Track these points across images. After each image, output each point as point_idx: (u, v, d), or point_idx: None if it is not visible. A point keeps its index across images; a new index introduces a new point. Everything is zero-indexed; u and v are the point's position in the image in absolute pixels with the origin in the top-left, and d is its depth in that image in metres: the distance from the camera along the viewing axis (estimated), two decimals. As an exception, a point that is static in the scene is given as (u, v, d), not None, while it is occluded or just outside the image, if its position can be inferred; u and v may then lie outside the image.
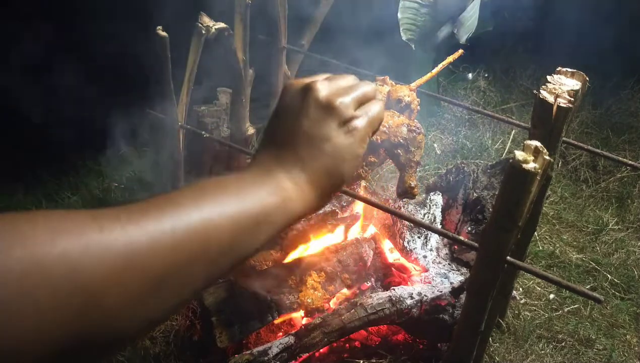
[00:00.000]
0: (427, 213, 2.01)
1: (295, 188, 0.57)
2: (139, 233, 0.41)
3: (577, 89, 1.24)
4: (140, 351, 1.75)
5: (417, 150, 1.16)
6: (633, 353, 1.96)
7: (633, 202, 2.68)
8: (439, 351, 1.79)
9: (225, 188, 0.50)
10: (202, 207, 0.46)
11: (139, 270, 0.40)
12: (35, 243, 0.35)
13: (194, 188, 0.49)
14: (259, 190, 0.52)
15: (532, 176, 0.97)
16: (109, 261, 0.38)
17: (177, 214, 0.44)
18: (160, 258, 0.41)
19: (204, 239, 0.45)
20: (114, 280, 0.38)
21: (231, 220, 0.48)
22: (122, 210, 0.42)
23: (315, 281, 1.73)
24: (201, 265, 0.45)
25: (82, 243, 0.37)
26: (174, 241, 0.42)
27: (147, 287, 0.41)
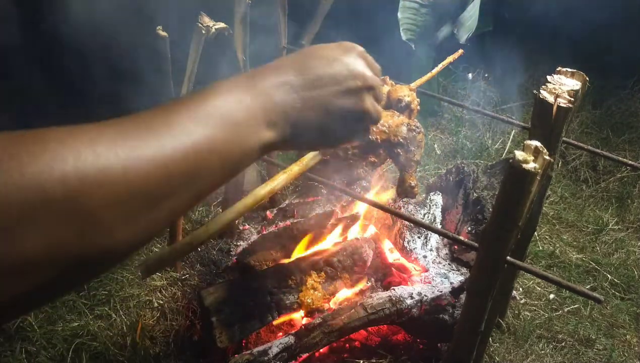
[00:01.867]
0: (427, 213, 2.01)
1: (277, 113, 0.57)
2: (135, 158, 0.42)
3: (577, 89, 1.24)
4: (141, 351, 1.75)
5: (417, 149, 1.16)
6: (633, 353, 1.96)
7: (633, 202, 2.68)
8: (439, 351, 1.79)
9: (220, 116, 0.51)
10: (196, 139, 0.47)
11: (135, 192, 0.41)
12: (34, 171, 0.36)
13: (187, 105, 0.50)
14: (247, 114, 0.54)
15: (532, 176, 0.97)
16: (107, 185, 0.39)
17: (170, 140, 0.45)
18: (154, 182, 0.43)
19: (196, 166, 0.47)
20: (111, 202, 0.39)
21: (220, 154, 0.50)
22: (118, 132, 0.43)
23: (315, 281, 1.73)
24: (191, 191, 0.48)
25: (80, 170, 0.38)
26: (167, 172, 0.44)
27: (142, 208, 0.42)
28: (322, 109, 0.61)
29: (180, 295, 1.94)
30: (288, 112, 0.58)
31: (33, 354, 1.76)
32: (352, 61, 0.65)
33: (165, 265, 1.38)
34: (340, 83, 0.63)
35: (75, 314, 1.89)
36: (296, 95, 0.59)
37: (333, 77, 0.62)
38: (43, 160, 0.36)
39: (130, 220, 0.41)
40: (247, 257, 1.95)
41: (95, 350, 1.77)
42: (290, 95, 0.58)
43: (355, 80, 0.64)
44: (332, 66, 0.63)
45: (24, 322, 1.84)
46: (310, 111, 0.60)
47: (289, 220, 2.11)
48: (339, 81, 0.63)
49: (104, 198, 0.39)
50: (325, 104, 0.62)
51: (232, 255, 2.10)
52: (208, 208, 2.40)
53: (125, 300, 1.93)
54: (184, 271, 2.04)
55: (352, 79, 0.64)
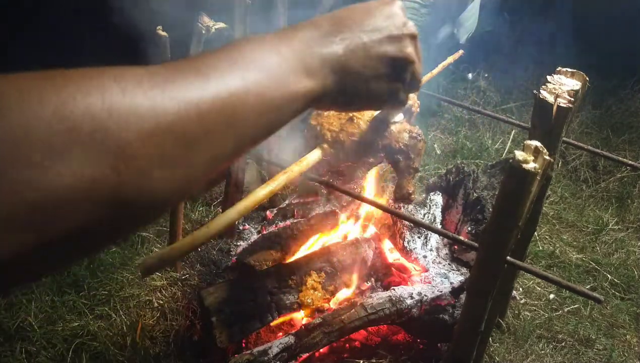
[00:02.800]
0: (427, 213, 2.01)
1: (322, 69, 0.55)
2: (164, 99, 0.40)
3: (577, 89, 1.24)
4: (141, 351, 1.75)
5: (417, 157, 1.16)
6: (633, 353, 1.96)
7: (633, 202, 2.68)
8: (439, 351, 1.79)
9: (252, 60, 0.49)
10: (228, 80, 0.45)
11: (167, 131, 0.39)
12: (57, 101, 0.34)
13: (217, 52, 0.48)
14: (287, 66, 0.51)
15: (532, 176, 0.97)
16: (135, 124, 0.37)
17: (200, 80, 0.43)
18: (186, 121, 0.41)
19: (231, 107, 0.45)
20: (141, 141, 0.37)
21: (256, 97, 0.47)
22: (144, 74, 0.40)
23: (315, 281, 1.73)
24: (229, 136, 0.45)
25: (106, 104, 0.36)
26: (199, 112, 0.42)
27: (177, 149, 0.40)
28: (366, 56, 0.59)
29: (180, 295, 1.94)
30: (328, 60, 0.56)
31: (33, 354, 1.76)
32: (392, 11, 0.64)
33: (165, 265, 1.38)
34: (381, 30, 0.61)
35: (75, 314, 1.89)
36: (335, 44, 0.57)
37: (374, 24, 0.61)
38: (66, 91, 0.35)
39: (165, 160, 0.39)
40: (247, 257, 1.95)
41: (95, 350, 1.77)
42: (329, 44, 0.56)
43: (396, 27, 0.63)
44: (372, 15, 0.62)
45: (24, 322, 1.84)
46: (352, 58, 0.58)
47: (289, 220, 2.11)
48: (380, 28, 0.61)
49: (135, 133, 0.37)
50: (368, 51, 0.59)
51: (232, 255, 2.10)
52: (208, 209, 2.40)
53: (125, 300, 1.93)
54: (184, 271, 2.04)
55: (394, 27, 0.63)
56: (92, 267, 2.04)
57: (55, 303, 1.91)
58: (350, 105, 0.65)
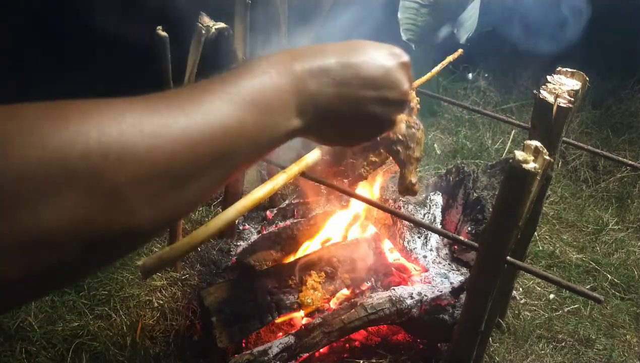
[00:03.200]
0: (427, 213, 2.01)
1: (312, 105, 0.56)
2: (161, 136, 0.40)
3: (577, 89, 1.24)
4: (141, 351, 1.75)
5: (417, 146, 1.16)
6: (633, 353, 1.96)
7: (633, 202, 2.68)
8: (439, 351, 1.79)
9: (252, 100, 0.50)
10: (226, 120, 0.46)
11: (160, 172, 0.40)
12: (56, 145, 0.35)
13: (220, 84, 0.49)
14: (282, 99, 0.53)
15: (532, 176, 0.97)
16: (130, 167, 0.38)
17: (199, 119, 0.44)
18: (180, 162, 0.42)
19: (224, 147, 0.46)
20: (135, 181, 0.38)
21: (248, 137, 0.49)
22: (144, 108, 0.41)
23: (315, 281, 1.73)
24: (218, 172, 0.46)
25: (103, 148, 0.37)
26: (195, 153, 0.43)
27: (168, 188, 0.41)
28: (353, 108, 0.60)
29: (180, 295, 1.94)
30: (320, 104, 0.57)
31: (33, 354, 1.76)
32: (396, 71, 0.64)
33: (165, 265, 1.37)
34: (378, 89, 0.62)
35: (75, 314, 1.89)
36: (333, 88, 0.57)
37: (373, 81, 0.61)
38: (66, 134, 0.35)
39: (155, 199, 0.40)
40: (247, 257, 1.95)
41: (95, 350, 1.77)
42: (327, 87, 0.57)
43: (393, 91, 0.63)
44: (376, 69, 0.61)
45: (24, 322, 1.84)
46: (342, 108, 0.59)
47: (289, 220, 2.11)
48: (378, 87, 0.61)
49: (128, 176, 0.38)
50: (358, 105, 0.60)
51: (232, 255, 2.10)
52: (208, 209, 2.40)
53: (125, 300, 1.93)
54: (184, 271, 2.04)
55: (391, 90, 0.63)
56: (92, 267, 2.04)
57: (55, 303, 1.91)
58: (326, 141, 0.66)
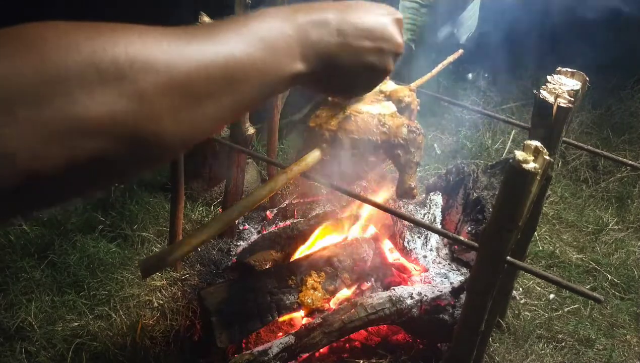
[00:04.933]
0: (427, 213, 2.01)
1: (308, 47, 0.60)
2: (178, 55, 0.46)
3: (577, 89, 1.24)
4: (141, 351, 1.75)
5: (417, 151, 1.16)
6: (633, 353, 1.96)
7: (633, 202, 2.68)
8: (439, 351, 1.79)
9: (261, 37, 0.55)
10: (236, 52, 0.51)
11: (177, 88, 0.46)
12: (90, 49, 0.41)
13: (231, 23, 0.54)
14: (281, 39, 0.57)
15: (532, 176, 0.97)
16: (151, 76, 0.44)
17: (212, 46, 0.50)
18: (195, 80, 0.47)
19: (235, 74, 0.51)
20: (155, 91, 0.44)
21: (257, 70, 0.54)
22: (165, 33, 0.47)
23: (315, 281, 1.73)
24: (228, 99, 0.51)
25: (130, 56, 0.43)
26: (207, 74, 0.48)
27: (185, 103, 0.47)
28: (352, 57, 0.66)
29: (180, 295, 1.94)
30: (321, 51, 0.62)
31: (33, 354, 1.76)
32: (390, 25, 0.70)
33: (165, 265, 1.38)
34: (375, 40, 0.68)
35: (75, 314, 1.89)
36: (332, 38, 0.63)
37: (371, 32, 0.67)
38: (98, 42, 0.42)
39: (174, 110, 0.46)
40: (247, 257, 1.95)
41: (95, 350, 1.77)
42: (327, 36, 0.62)
43: (388, 42, 0.69)
44: (372, 22, 0.68)
45: (24, 322, 1.84)
46: (342, 56, 0.64)
47: (289, 220, 2.11)
48: (374, 38, 0.68)
49: (151, 83, 0.44)
50: (355, 54, 0.66)
51: (232, 255, 2.10)
52: (208, 209, 2.40)
53: (125, 300, 1.93)
54: (184, 271, 2.04)
55: (386, 41, 0.69)
56: (92, 267, 2.04)
57: (55, 303, 1.91)
58: (328, 89, 0.73)
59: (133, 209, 2.30)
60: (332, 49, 0.63)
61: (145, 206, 2.33)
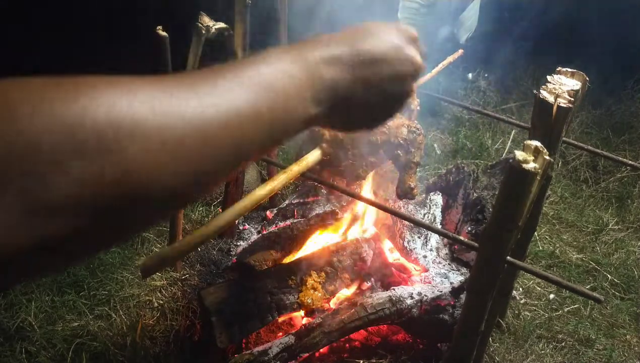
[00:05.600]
0: (427, 213, 2.01)
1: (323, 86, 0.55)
2: (172, 116, 0.40)
3: (577, 89, 1.24)
4: (141, 351, 1.75)
5: (417, 151, 1.16)
6: (633, 353, 1.96)
7: (633, 202, 2.68)
8: (439, 351, 1.79)
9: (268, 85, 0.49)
10: (239, 104, 0.46)
11: (170, 153, 0.40)
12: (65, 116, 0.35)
13: (235, 69, 0.48)
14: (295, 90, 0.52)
15: (532, 176, 0.97)
16: (140, 142, 0.38)
17: (213, 101, 0.44)
18: (191, 144, 0.41)
19: (238, 132, 0.45)
20: (144, 158, 0.38)
21: (265, 122, 0.48)
22: (157, 87, 0.41)
23: (315, 281, 1.73)
24: (230, 158, 0.46)
25: (113, 121, 0.37)
26: (205, 134, 0.42)
27: (177, 168, 0.41)
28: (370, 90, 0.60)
29: (180, 295, 1.94)
30: (335, 90, 0.56)
31: (33, 354, 1.76)
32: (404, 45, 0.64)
33: (165, 265, 1.38)
34: (391, 65, 0.61)
35: (75, 314, 1.89)
36: (346, 73, 0.57)
37: (385, 58, 0.61)
38: (76, 105, 0.36)
39: (166, 176, 0.40)
40: (247, 257, 1.95)
41: (95, 350, 1.77)
42: (340, 72, 0.57)
43: (405, 65, 0.63)
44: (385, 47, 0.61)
45: (24, 322, 1.84)
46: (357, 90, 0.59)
47: (289, 220, 2.11)
48: (390, 63, 0.61)
49: (139, 151, 0.38)
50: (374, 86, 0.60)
51: (232, 255, 2.10)
52: (208, 208, 2.40)
53: (125, 300, 1.93)
54: (184, 271, 2.04)
55: (403, 64, 0.63)
56: (92, 267, 2.04)
57: (55, 303, 1.91)
58: (347, 127, 0.66)
59: (133, 209, 2.30)
60: (348, 85, 0.57)
61: (145, 206, 2.32)
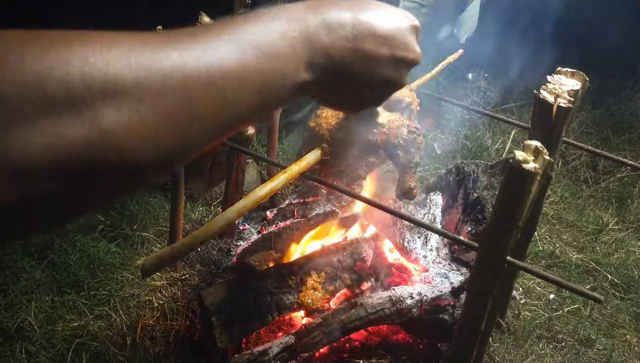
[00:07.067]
0: (427, 213, 2.01)
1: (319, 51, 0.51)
2: (150, 70, 0.37)
3: (577, 89, 1.24)
4: (140, 351, 1.75)
5: (417, 151, 1.16)
6: (633, 353, 1.96)
7: (633, 202, 2.68)
8: (439, 351, 1.79)
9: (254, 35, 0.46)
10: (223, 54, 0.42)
11: (148, 110, 0.37)
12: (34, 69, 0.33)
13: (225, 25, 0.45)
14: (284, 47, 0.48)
15: (532, 176, 0.97)
16: (114, 98, 0.35)
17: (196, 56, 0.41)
18: (171, 101, 0.38)
19: (222, 91, 0.42)
20: (120, 117, 0.36)
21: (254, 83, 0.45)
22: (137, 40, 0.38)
23: (315, 281, 1.73)
24: (218, 115, 0.42)
25: (86, 77, 0.34)
26: (187, 86, 0.39)
27: (157, 129, 0.38)
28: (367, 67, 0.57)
29: (180, 295, 1.94)
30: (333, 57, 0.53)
31: (33, 354, 1.76)
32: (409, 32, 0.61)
33: (165, 265, 1.38)
34: (392, 48, 0.58)
35: (75, 314, 1.89)
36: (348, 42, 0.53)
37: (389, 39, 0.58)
38: (46, 59, 0.33)
39: (144, 139, 0.37)
40: (247, 257, 1.95)
41: (95, 350, 1.77)
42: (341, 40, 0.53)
43: (405, 51, 0.60)
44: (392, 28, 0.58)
45: (24, 322, 1.84)
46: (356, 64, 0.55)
47: (289, 220, 2.11)
48: (392, 46, 0.58)
49: (112, 108, 0.35)
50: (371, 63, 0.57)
51: (232, 255, 2.10)
52: (208, 209, 2.40)
53: (125, 300, 1.93)
54: (184, 271, 2.04)
55: (404, 49, 0.60)
56: (92, 267, 2.04)
57: (55, 303, 1.91)
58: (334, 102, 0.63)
59: (133, 209, 2.30)
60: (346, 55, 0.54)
61: (145, 206, 2.33)
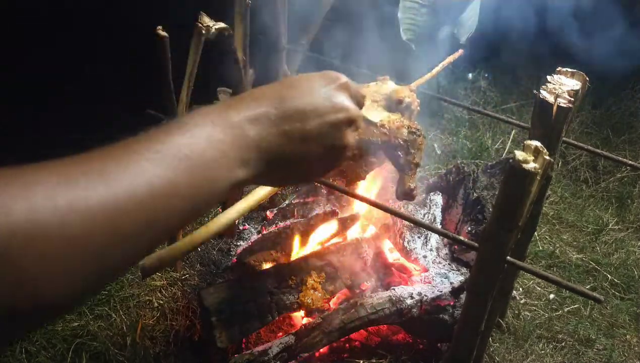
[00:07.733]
0: (427, 213, 2.01)
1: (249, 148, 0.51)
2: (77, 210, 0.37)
3: (577, 89, 1.24)
4: (140, 351, 1.75)
5: (418, 152, 1.16)
6: (633, 353, 1.96)
7: (633, 202, 2.68)
8: (439, 351, 1.79)
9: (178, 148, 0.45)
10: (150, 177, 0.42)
11: (76, 248, 0.37)
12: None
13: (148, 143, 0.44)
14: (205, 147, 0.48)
15: (532, 176, 0.97)
16: (42, 241, 0.35)
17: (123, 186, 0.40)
18: (99, 237, 0.38)
19: (152, 213, 0.42)
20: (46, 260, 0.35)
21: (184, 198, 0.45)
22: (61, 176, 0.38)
23: (315, 281, 1.73)
24: (148, 235, 0.42)
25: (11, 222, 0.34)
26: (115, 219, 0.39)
27: (85, 264, 0.38)
28: (301, 143, 0.57)
29: (180, 295, 1.94)
30: (263, 148, 0.53)
31: (33, 354, 1.75)
32: (335, 93, 0.61)
33: (165, 265, 1.38)
34: (322, 116, 0.59)
35: (75, 314, 1.88)
36: (274, 128, 0.54)
37: (315, 109, 0.58)
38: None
39: (70, 276, 0.37)
40: (247, 257, 1.95)
41: (95, 350, 1.77)
42: (267, 128, 0.54)
43: (337, 113, 0.60)
44: (314, 98, 0.59)
45: (24, 322, 1.84)
46: (288, 146, 0.56)
47: (289, 220, 2.11)
48: (320, 114, 0.59)
49: (37, 255, 0.35)
50: (305, 139, 0.57)
51: (232, 255, 2.10)
52: (208, 208, 2.40)
53: (125, 300, 1.93)
54: (184, 271, 2.04)
55: (335, 113, 0.60)
56: (92, 267, 2.04)
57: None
58: (282, 183, 0.65)
59: (133, 209, 2.30)
60: (275, 141, 0.54)
61: (145, 206, 2.32)
